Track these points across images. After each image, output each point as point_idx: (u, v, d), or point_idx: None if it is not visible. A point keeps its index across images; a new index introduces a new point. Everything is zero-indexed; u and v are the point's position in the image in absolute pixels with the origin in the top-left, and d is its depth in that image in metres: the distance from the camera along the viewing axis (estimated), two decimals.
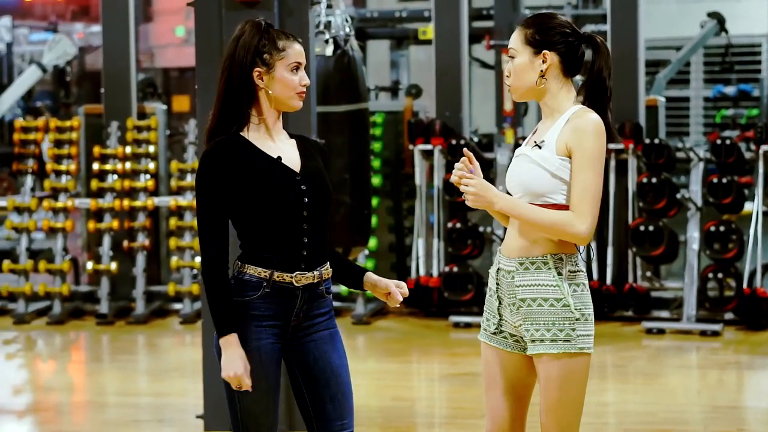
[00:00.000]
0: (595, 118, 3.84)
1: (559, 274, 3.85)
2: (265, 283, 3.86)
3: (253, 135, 3.92)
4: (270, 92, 3.89)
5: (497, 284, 3.97)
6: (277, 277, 3.85)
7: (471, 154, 3.89)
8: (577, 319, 3.83)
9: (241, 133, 3.91)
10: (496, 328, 3.98)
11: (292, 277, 3.86)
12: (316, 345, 3.93)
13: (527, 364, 3.96)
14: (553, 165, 3.82)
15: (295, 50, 3.91)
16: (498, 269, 3.96)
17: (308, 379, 3.93)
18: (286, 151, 3.93)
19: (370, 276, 4.05)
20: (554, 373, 3.84)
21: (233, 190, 3.84)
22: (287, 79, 3.89)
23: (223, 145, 3.87)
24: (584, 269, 3.92)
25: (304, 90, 3.94)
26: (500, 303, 3.96)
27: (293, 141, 3.99)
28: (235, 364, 3.78)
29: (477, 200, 3.85)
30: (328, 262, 3.97)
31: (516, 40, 3.92)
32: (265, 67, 3.88)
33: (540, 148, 3.86)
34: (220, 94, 3.91)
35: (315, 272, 3.89)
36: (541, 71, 3.89)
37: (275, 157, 3.89)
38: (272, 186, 3.84)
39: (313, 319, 3.93)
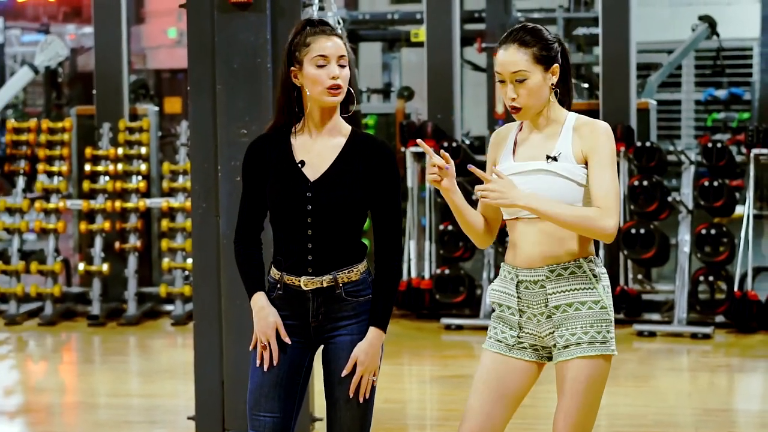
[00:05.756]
0: (604, 123, 3.84)
1: (594, 275, 3.82)
2: (278, 285, 3.89)
3: (299, 134, 3.91)
4: (307, 91, 3.86)
5: (518, 297, 3.88)
6: (287, 280, 3.87)
7: (447, 155, 3.79)
8: (611, 321, 3.82)
9: (292, 131, 3.91)
10: (516, 342, 3.90)
11: (299, 281, 3.86)
12: (333, 348, 3.90)
13: (536, 372, 3.93)
14: (578, 175, 3.79)
15: (319, 43, 3.83)
16: (518, 283, 3.87)
17: (324, 378, 3.94)
18: (321, 153, 3.87)
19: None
20: (584, 376, 3.78)
21: (261, 186, 3.91)
22: (312, 75, 3.82)
23: (261, 141, 3.93)
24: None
25: (336, 84, 3.82)
26: (521, 316, 3.89)
27: (341, 141, 3.90)
28: (259, 323, 3.87)
29: (500, 197, 3.72)
30: (358, 266, 3.89)
31: (522, 61, 3.79)
32: (298, 65, 3.86)
33: (556, 160, 3.80)
34: (276, 95, 3.94)
35: (326, 277, 3.84)
36: (552, 84, 3.85)
37: (298, 161, 3.87)
38: (280, 190, 3.85)
39: (337, 321, 3.89)
